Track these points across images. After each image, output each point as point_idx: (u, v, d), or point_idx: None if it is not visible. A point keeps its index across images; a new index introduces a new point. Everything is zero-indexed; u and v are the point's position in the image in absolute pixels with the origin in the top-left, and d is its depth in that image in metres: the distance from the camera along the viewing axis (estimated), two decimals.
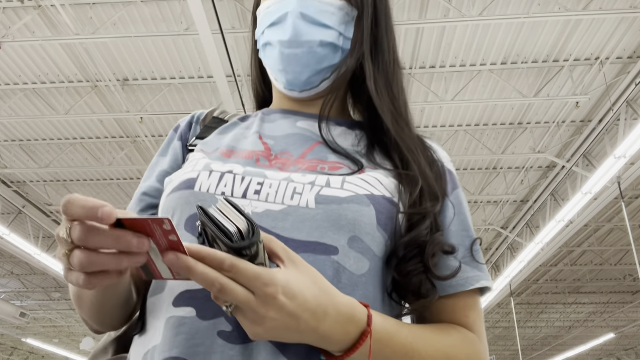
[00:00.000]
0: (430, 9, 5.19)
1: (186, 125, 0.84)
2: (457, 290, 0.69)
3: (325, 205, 0.62)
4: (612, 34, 5.44)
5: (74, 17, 5.22)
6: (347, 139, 0.77)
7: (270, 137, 0.76)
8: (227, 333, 0.57)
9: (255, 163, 0.70)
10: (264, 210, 0.63)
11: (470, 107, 6.53)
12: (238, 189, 0.65)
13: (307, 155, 0.72)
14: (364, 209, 0.63)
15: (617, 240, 9.90)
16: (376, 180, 0.68)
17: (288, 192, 0.64)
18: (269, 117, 0.81)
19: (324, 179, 0.66)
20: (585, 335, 16.20)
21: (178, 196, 0.66)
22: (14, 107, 6.53)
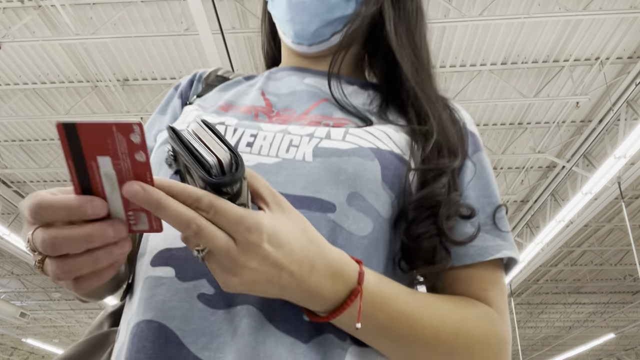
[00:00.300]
0: (430, 9, 5.19)
1: (187, 83, 0.78)
2: (475, 260, 0.60)
3: (324, 157, 0.56)
4: (612, 34, 5.44)
5: (74, 17, 5.22)
6: (358, 98, 0.70)
7: (273, 94, 0.70)
8: (208, 296, 0.51)
9: (253, 118, 0.65)
10: (256, 164, 0.57)
11: (470, 107, 6.53)
12: (229, 139, 0.59)
13: (312, 112, 0.66)
14: (367, 163, 0.56)
15: (617, 240, 9.90)
16: (384, 134, 0.61)
17: (283, 144, 0.58)
18: (275, 75, 0.75)
19: (325, 130, 0.60)
20: (585, 335, 16.20)
21: (160, 152, 0.61)
22: (14, 107, 6.53)
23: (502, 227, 0.63)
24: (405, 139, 0.63)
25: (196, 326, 0.50)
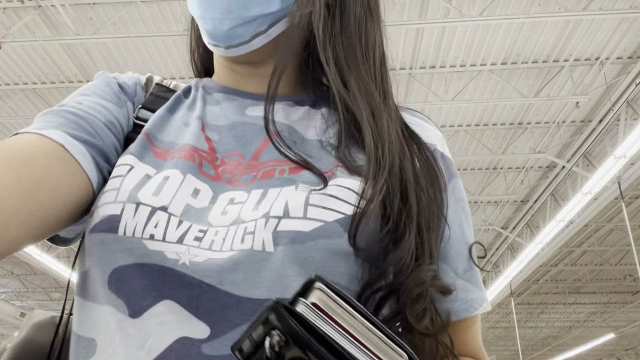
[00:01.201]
0: (430, 9, 5.19)
1: (133, 85, 0.64)
2: (461, 317, 0.55)
3: (286, 245, 0.46)
4: (612, 34, 5.44)
5: (74, 17, 5.22)
6: (310, 125, 0.59)
7: (213, 127, 0.59)
8: None
9: (197, 169, 0.54)
10: (206, 259, 0.47)
11: (470, 107, 6.53)
12: (173, 231, 0.49)
13: (261, 155, 0.56)
14: (335, 243, 0.47)
15: (617, 240, 9.90)
16: (349, 192, 0.50)
17: (238, 234, 0.48)
18: (211, 96, 0.63)
19: (282, 201, 0.49)
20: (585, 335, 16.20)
21: (100, 240, 0.49)
22: (14, 107, 6.53)
23: (477, 272, 0.58)
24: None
25: None
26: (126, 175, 0.53)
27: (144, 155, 0.56)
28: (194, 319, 0.45)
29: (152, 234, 0.48)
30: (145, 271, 0.47)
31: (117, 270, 0.48)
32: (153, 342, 0.45)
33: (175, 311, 0.46)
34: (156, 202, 0.50)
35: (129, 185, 0.51)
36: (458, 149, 7.35)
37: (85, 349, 0.49)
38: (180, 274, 0.46)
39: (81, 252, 0.54)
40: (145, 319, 0.46)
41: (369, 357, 0.29)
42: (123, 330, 0.47)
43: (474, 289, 0.56)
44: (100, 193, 0.53)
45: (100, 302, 0.49)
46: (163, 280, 0.47)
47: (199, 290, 0.46)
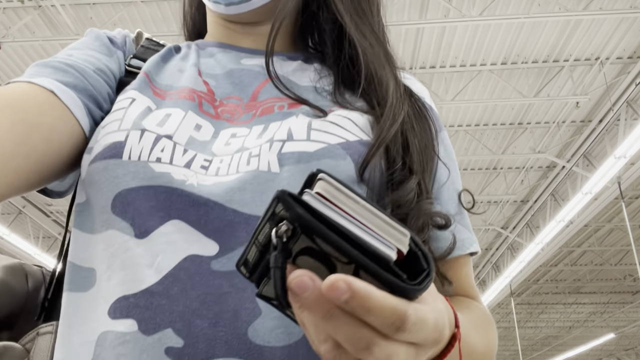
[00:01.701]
0: (430, 9, 5.19)
1: (122, 37, 0.65)
2: (455, 255, 0.57)
3: (291, 165, 0.48)
4: (612, 34, 5.44)
5: (74, 17, 5.22)
6: (304, 75, 0.61)
7: (210, 75, 0.60)
8: (177, 350, 0.43)
9: (197, 108, 0.55)
10: (213, 183, 0.48)
11: (470, 107, 6.53)
12: (180, 157, 0.49)
13: (259, 95, 0.57)
14: (339, 164, 0.49)
15: (617, 240, 9.90)
16: (348, 121, 0.53)
17: (243, 159, 0.49)
18: (204, 50, 0.64)
19: (285, 127, 0.51)
20: (585, 335, 16.20)
21: (102, 167, 0.49)
22: None
23: (466, 216, 0.61)
24: (370, 122, 0.55)
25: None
26: (129, 107, 0.53)
27: (144, 90, 0.56)
28: (202, 237, 0.46)
29: (158, 157, 0.48)
30: (151, 193, 0.47)
31: (121, 194, 0.47)
32: (161, 260, 0.45)
33: (183, 230, 0.46)
34: (161, 130, 0.50)
35: (133, 115, 0.52)
36: (458, 149, 7.35)
37: (86, 279, 0.49)
38: (188, 194, 0.47)
39: (79, 187, 0.53)
40: (153, 238, 0.46)
41: (374, 237, 0.30)
42: (129, 250, 0.46)
43: (464, 230, 0.60)
44: (99, 128, 0.53)
45: (100, 230, 0.49)
46: (170, 200, 0.47)
47: (206, 209, 0.46)
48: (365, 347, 0.30)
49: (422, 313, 0.31)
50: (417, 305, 0.31)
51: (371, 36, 0.60)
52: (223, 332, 0.43)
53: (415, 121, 0.58)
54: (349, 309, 0.29)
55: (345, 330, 0.30)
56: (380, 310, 0.29)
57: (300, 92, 0.58)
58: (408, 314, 0.30)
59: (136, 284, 0.45)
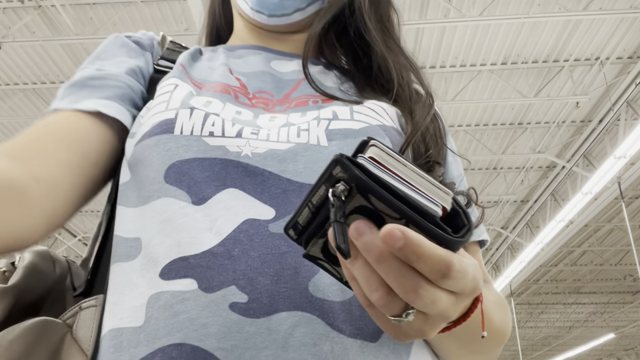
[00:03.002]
0: (430, 9, 5.20)
1: (148, 39, 0.68)
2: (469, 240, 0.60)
3: (339, 140, 0.52)
4: (612, 34, 5.44)
5: (74, 17, 5.22)
6: (327, 78, 0.66)
7: (240, 73, 0.63)
8: (242, 305, 0.44)
9: (234, 99, 0.58)
10: (267, 150, 0.50)
11: (470, 107, 6.53)
12: (230, 128, 0.52)
13: (292, 94, 0.61)
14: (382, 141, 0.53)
15: (617, 240, 9.90)
16: (382, 110, 0.59)
17: (292, 130, 0.53)
18: (233, 52, 0.67)
19: (329, 110, 0.55)
20: (585, 336, 16.20)
21: (153, 142, 0.51)
22: (14, 107, 6.53)
23: (474, 209, 0.64)
24: (397, 113, 0.61)
25: (236, 342, 0.44)
26: (173, 90, 0.56)
27: (184, 79, 0.60)
28: (259, 203, 0.48)
29: (211, 132, 0.51)
30: (206, 164, 0.50)
31: (174, 165, 0.50)
32: (221, 224, 0.47)
33: (239, 197, 0.49)
34: (208, 109, 0.54)
35: (179, 96, 0.55)
36: (458, 149, 7.29)
37: (132, 248, 0.50)
38: (244, 165, 0.50)
39: (122, 169, 0.56)
40: (210, 205, 0.48)
41: (422, 196, 0.34)
42: (187, 215, 0.48)
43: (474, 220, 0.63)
44: (143, 112, 0.57)
45: (149, 201, 0.50)
46: (226, 171, 0.50)
47: (262, 178, 0.49)
48: (413, 290, 0.33)
49: (464, 264, 0.34)
50: (459, 257, 0.34)
51: (396, 48, 0.67)
52: (285, 288, 0.45)
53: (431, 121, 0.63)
54: (402, 255, 0.32)
55: (397, 275, 0.33)
56: (429, 258, 0.32)
57: (327, 89, 0.62)
58: (453, 262, 0.33)
59: (196, 246, 0.47)
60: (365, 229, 0.32)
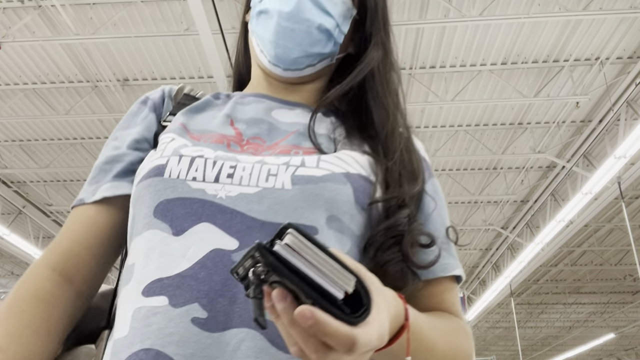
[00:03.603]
0: (430, 9, 5.20)
1: (159, 98, 0.79)
2: (437, 275, 0.68)
3: (301, 185, 0.60)
4: (612, 34, 5.44)
5: (74, 17, 5.22)
6: (322, 125, 0.74)
7: (241, 120, 0.73)
8: (202, 320, 0.54)
9: (226, 148, 0.67)
10: (238, 194, 0.60)
11: (470, 107, 6.53)
12: (210, 173, 0.62)
13: (282, 142, 0.70)
14: (340, 187, 0.61)
15: (617, 240, 9.90)
16: (352, 159, 0.66)
17: (262, 174, 0.61)
18: (242, 99, 0.77)
19: (299, 159, 0.63)
20: (585, 335, 16.20)
21: (147, 184, 0.63)
22: (14, 107, 6.53)
23: (452, 247, 0.71)
24: (369, 162, 0.68)
25: (193, 350, 0.53)
26: (169, 142, 0.67)
27: (182, 134, 0.70)
28: (226, 236, 0.58)
29: (194, 177, 0.61)
30: (187, 203, 0.60)
31: (162, 202, 0.61)
32: (193, 252, 0.58)
33: (211, 230, 0.58)
34: (195, 154, 0.64)
35: (173, 146, 0.66)
36: (458, 149, 7.35)
37: (130, 273, 0.62)
38: (217, 204, 0.60)
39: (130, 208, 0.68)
40: (187, 236, 0.59)
41: (327, 281, 0.40)
42: (167, 245, 0.59)
43: (449, 256, 0.70)
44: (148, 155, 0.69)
45: (142, 232, 0.62)
46: (202, 209, 0.60)
47: (231, 216, 0.59)
48: (322, 357, 0.41)
49: (368, 335, 0.41)
50: (364, 330, 0.41)
51: (392, 102, 0.74)
52: (238, 308, 0.55)
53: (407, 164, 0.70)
54: (311, 332, 0.39)
55: (309, 343, 0.41)
56: (335, 335, 0.39)
57: (318, 139, 0.70)
58: (357, 338, 0.40)
59: (171, 270, 0.57)
60: (281, 299, 0.40)
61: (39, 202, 8.86)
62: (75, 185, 8.38)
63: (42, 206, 8.96)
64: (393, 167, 0.68)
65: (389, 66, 0.77)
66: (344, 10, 0.74)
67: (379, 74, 0.75)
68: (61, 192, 8.54)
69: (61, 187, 8.43)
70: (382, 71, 0.75)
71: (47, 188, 8.44)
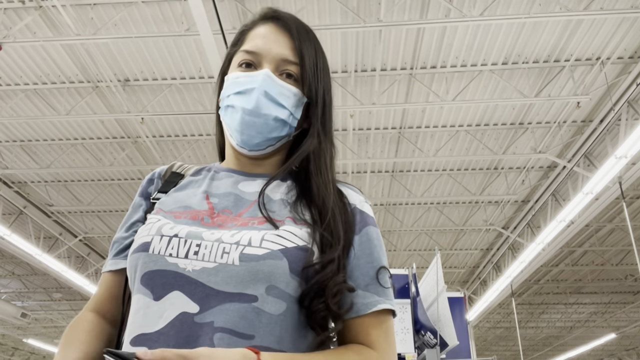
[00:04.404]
0: (431, 9, 5.20)
1: (147, 182, 1.02)
2: (358, 314, 0.83)
3: (247, 262, 0.78)
4: (613, 34, 5.44)
5: (75, 18, 5.23)
6: (278, 190, 0.93)
7: (214, 194, 0.93)
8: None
9: (200, 223, 0.86)
10: (201, 268, 0.79)
11: (471, 107, 6.53)
12: (182, 250, 0.81)
13: (244, 214, 0.88)
14: (277, 263, 0.78)
15: (618, 241, 9.90)
16: (291, 234, 0.83)
17: (219, 251, 0.80)
18: (217, 174, 0.98)
19: (248, 237, 0.81)
20: (587, 336, 16.19)
21: (136, 257, 0.83)
22: (15, 108, 6.54)
23: (383, 285, 0.86)
24: (307, 232, 0.85)
25: None
26: (155, 222, 0.87)
27: (166, 217, 0.89)
28: (190, 301, 0.77)
29: (170, 253, 0.81)
30: (164, 274, 0.80)
31: (146, 273, 0.81)
32: (167, 314, 0.77)
33: (180, 297, 0.78)
34: (172, 233, 0.83)
35: (157, 226, 0.85)
36: (459, 149, 7.35)
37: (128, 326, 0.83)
38: (185, 276, 0.79)
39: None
40: (163, 301, 0.78)
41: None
42: (149, 307, 0.79)
43: (371, 296, 0.85)
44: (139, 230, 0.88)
45: (134, 294, 0.83)
46: (175, 280, 0.79)
47: (195, 285, 0.78)
48: None
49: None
50: None
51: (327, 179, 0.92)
52: None
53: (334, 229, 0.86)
54: None
55: None
56: None
57: (271, 205, 0.89)
58: None
59: (151, 327, 0.77)
60: None
61: (39, 203, 8.86)
62: (76, 185, 8.39)
63: (43, 206, 8.97)
64: (324, 234, 0.85)
65: (322, 150, 0.94)
66: (295, 100, 0.93)
67: (313, 157, 0.93)
68: (62, 193, 8.54)
69: (62, 187, 8.44)
70: (316, 155, 0.93)
71: (48, 188, 8.44)
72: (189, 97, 6.38)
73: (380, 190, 8.57)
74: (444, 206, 9.07)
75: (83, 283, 9.83)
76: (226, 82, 0.95)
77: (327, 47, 5.67)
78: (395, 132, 7.10)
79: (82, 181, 8.29)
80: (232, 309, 0.75)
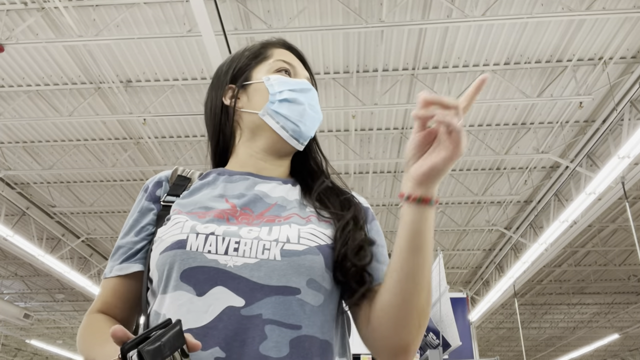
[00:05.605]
0: (433, 10, 5.19)
1: (154, 186, 1.01)
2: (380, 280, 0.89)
3: (288, 257, 0.83)
4: (615, 34, 5.42)
5: (77, 19, 5.24)
6: (292, 193, 0.99)
7: (233, 196, 0.95)
8: (222, 359, 0.75)
9: (226, 222, 0.88)
10: (242, 264, 0.82)
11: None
12: (221, 247, 0.83)
13: (266, 213, 0.92)
14: (316, 258, 0.84)
15: (621, 241, 9.87)
16: (322, 233, 0.89)
17: (259, 248, 0.83)
18: (232, 177, 1.00)
19: (285, 234, 0.86)
20: (590, 336, 16.15)
21: (172, 254, 0.83)
22: (18, 109, 6.55)
23: None
24: (331, 232, 0.91)
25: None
26: (185, 222, 0.88)
27: (191, 217, 0.90)
28: (235, 296, 0.79)
29: (209, 250, 0.83)
30: (205, 270, 0.81)
31: (186, 270, 0.82)
32: (212, 308, 0.79)
33: (224, 292, 0.80)
34: (207, 231, 0.85)
35: (188, 225, 0.87)
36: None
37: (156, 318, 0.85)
38: (228, 272, 0.81)
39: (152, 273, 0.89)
40: (207, 296, 0.80)
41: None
42: (193, 303, 0.80)
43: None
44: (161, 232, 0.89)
45: (170, 291, 0.83)
46: (217, 275, 0.81)
47: (238, 280, 0.80)
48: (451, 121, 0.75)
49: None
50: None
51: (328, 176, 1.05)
52: (247, 349, 0.77)
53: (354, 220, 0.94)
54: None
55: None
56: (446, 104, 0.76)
57: (291, 204, 0.95)
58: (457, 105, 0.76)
59: (197, 322, 0.78)
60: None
61: (42, 204, 8.88)
62: (79, 186, 8.40)
63: (45, 207, 8.99)
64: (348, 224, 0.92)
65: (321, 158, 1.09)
66: None
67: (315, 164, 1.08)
68: (65, 194, 8.56)
69: (65, 188, 8.45)
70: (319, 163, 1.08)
71: (50, 189, 8.46)
72: (191, 98, 6.39)
73: (383, 190, 8.56)
74: (446, 206, 9.06)
75: (85, 284, 9.85)
76: (271, 81, 1.02)
77: (329, 47, 5.67)
78: (398, 132, 7.09)
79: (85, 182, 8.31)
80: (278, 301, 0.79)
